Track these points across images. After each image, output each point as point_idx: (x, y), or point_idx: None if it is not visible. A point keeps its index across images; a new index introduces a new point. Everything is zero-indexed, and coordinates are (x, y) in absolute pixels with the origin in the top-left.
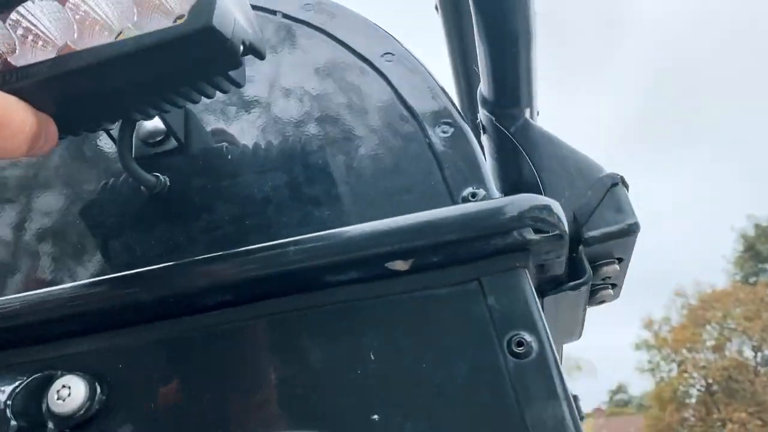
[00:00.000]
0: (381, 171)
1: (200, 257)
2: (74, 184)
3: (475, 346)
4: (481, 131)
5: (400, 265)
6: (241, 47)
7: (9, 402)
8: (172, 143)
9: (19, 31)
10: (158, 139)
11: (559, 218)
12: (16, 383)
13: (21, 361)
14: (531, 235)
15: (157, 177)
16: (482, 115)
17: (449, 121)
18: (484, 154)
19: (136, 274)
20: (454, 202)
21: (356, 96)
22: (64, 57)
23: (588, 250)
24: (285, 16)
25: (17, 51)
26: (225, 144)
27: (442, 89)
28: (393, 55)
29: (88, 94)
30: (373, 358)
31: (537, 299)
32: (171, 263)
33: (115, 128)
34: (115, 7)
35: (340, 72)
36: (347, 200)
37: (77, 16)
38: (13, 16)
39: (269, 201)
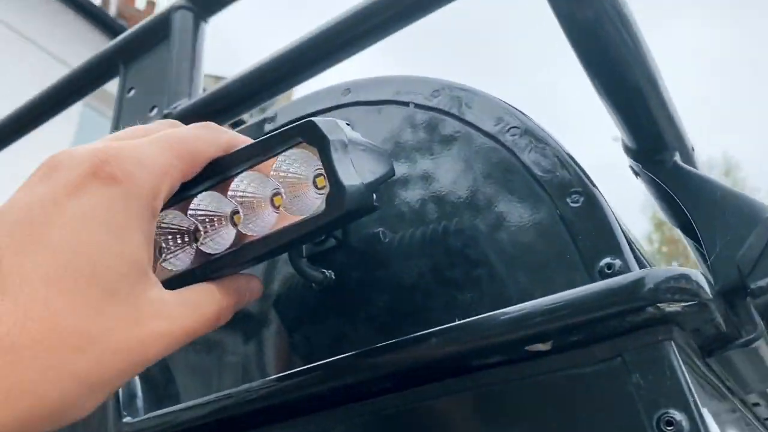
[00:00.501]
0: (516, 249)
1: (361, 350)
2: (264, 285)
3: (624, 427)
4: (635, 176)
5: (540, 346)
6: (374, 195)
7: None
8: (333, 241)
9: (199, 217)
10: (323, 237)
11: (698, 286)
12: None
13: None
14: (670, 308)
15: (323, 273)
16: (630, 162)
17: (579, 189)
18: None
19: (315, 367)
20: (590, 275)
21: (487, 175)
22: (245, 247)
23: (757, 302)
24: (416, 105)
25: (200, 232)
26: (377, 236)
27: (570, 156)
28: (518, 128)
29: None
30: None
31: (686, 374)
32: (337, 357)
33: None
34: (262, 185)
35: (470, 152)
36: (486, 281)
37: (237, 199)
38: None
39: (416, 288)
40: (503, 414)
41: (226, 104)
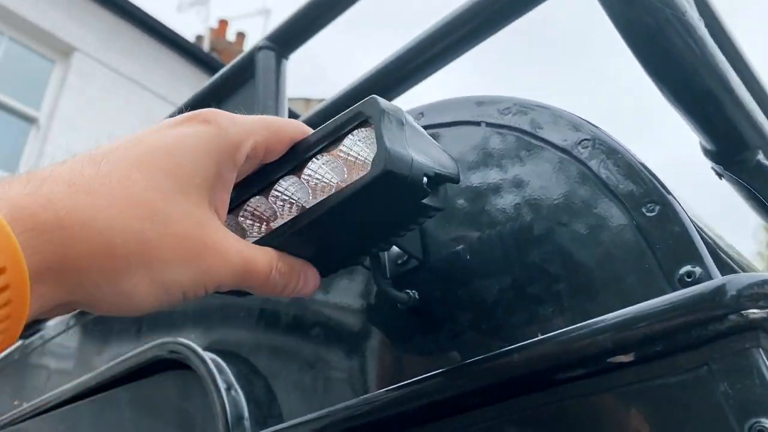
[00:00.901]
0: (593, 262)
1: (449, 367)
2: (350, 306)
3: None
4: (718, 177)
5: (622, 358)
6: (425, 179)
7: None
8: (415, 261)
9: (278, 203)
10: (404, 259)
11: None
12: None
13: None
14: (755, 314)
15: (407, 293)
16: (711, 164)
17: (653, 198)
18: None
19: (406, 385)
20: (671, 284)
21: (561, 189)
22: (300, 216)
23: None
24: (488, 124)
25: (277, 216)
26: (456, 255)
27: (643, 165)
28: (589, 140)
29: (321, 242)
30: None
31: None
32: (425, 375)
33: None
34: (333, 171)
35: (543, 167)
36: (566, 296)
37: (311, 183)
38: (273, 192)
39: (498, 304)
40: (590, 427)
41: None
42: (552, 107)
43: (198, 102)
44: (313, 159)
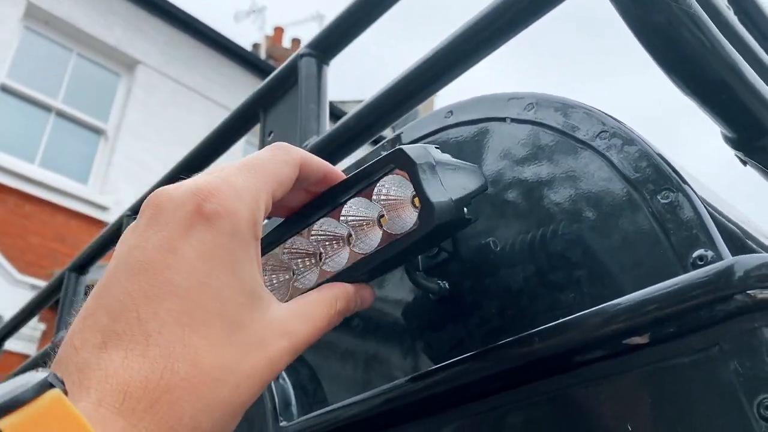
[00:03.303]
0: (612, 249)
1: (475, 352)
2: (386, 297)
3: (726, 413)
4: (743, 164)
5: (638, 339)
6: (465, 209)
7: None
8: (445, 254)
9: (351, 223)
10: (436, 251)
11: None
12: None
13: None
14: (763, 294)
15: (438, 284)
16: (733, 151)
17: (668, 186)
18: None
19: (436, 370)
20: (684, 268)
21: (581, 180)
22: (356, 264)
23: None
24: (513, 120)
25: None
26: (482, 245)
27: (659, 155)
28: (607, 132)
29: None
30: (630, 428)
31: None
32: (453, 360)
33: None
34: (368, 209)
35: (564, 160)
36: (586, 282)
37: (350, 222)
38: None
39: (523, 292)
40: (608, 407)
41: (348, 138)
42: (571, 101)
43: (246, 109)
44: (348, 203)
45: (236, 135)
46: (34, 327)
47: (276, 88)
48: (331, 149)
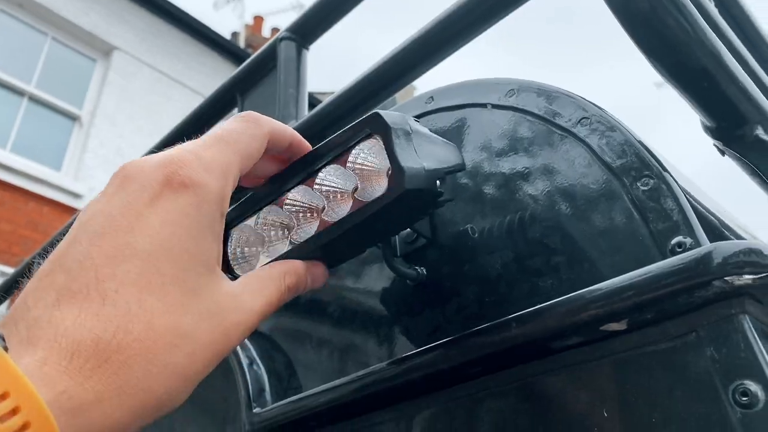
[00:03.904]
0: (592, 235)
1: (452, 337)
2: (363, 284)
3: (702, 400)
4: (721, 155)
5: (615, 326)
6: (438, 182)
7: None
8: (423, 240)
9: (293, 210)
10: (414, 238)
11: None
12: None
13: (344, 431)
14: (740, 281)
15: (416, 270)
16: (712, 141)
17: (648, 173)
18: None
19: (412, 355)
20: (663, 255)
21: (562, 166)
22: (322, 232)
23: None
24: (494, 106)
25: (294, 224)
26: (461, 231)
27: (640, 142)
28: (587, 118)
29: (340, 246)
30: (606, 414)
31: (761, 345)
32: (429, 346)
33: None
34: (343, 178)
35: (545, 147)
36: (565, 268)
37: (323, 191)
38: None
39: (501, 278)
40: (584, 393)
41: (327, 123)
42: (554, 87)
43: (224, 93)
44: (322, 170)
45: (213, 119)
46: (3, 314)
47: (254, 72)
48: (309, 135)
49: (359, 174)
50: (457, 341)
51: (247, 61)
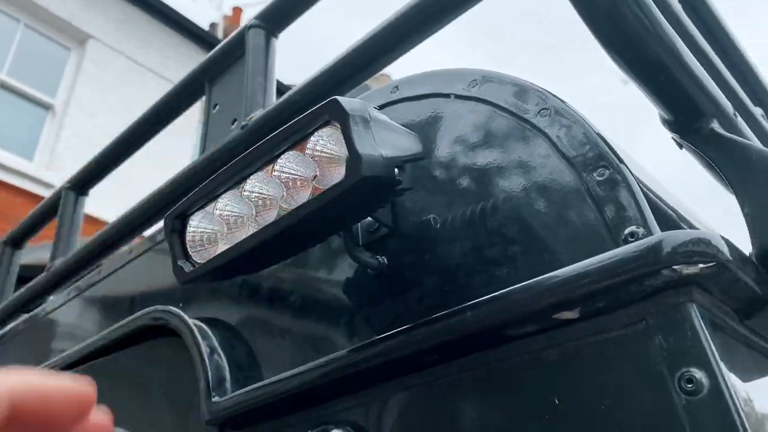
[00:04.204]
0: (548, 225)
1: (406, 326)
2: (325, 273)
3: (649, 385)
4: (679, 148)
5: (567, 314)
6: (396, 170)
7: None
8: (385, 229)
9: (252, 198)
10: (375, 227)
11: (717, 249)
12: None
13: (305, 419)
14: (688, 270)
15: (377, 259)
16: (670, 134)
17: (604, 164)
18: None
19: (372, 342)
20: (616, 245)
21: (521, 157)
22: (280, 220)
23: None
24: (457, 96)
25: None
26: (423, 221)
27: (597, 134)
28: (548, 110)
29: (297, 234)
30: (557, 402)
31: (707, 334)
32: (388, 333)
33: None
34: (303, 166)
35: (505, 136)
36: (521, 258)
37: (282, 179)
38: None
39: (460, 267)
40: (537, 381)
41: (294, 111)
42: (515, 78)
43: (192, 81)
44: (281, 156)
45: (181, 107)
46: None
47: (222, 60)
48: (276, 123)
49: (318, 161)
50: (415, 329)
51: (215, 49)
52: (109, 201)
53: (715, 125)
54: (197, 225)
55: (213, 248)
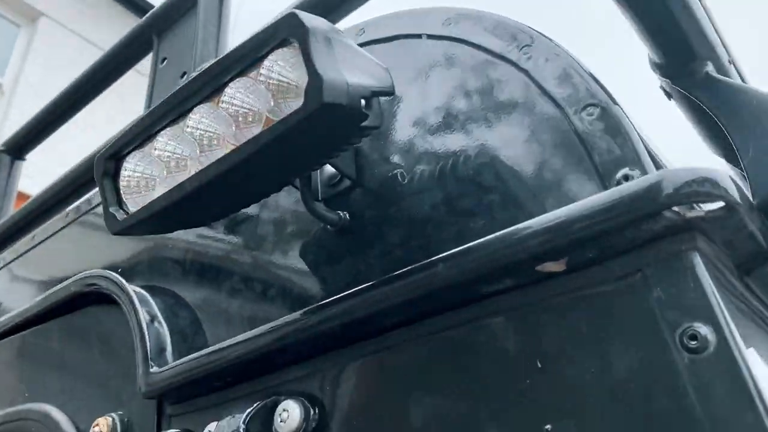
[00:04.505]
0: (529, 170)
1: (367, 284)
2: (276, 230)
3: (645, 344)
4: (667, 98)
5: (552, 266)
6: (362, 101)
7: (244, 426)
8: (348, 182)
9: (196, 134)
10: (337, 179)
11: (725, 190)
12: (249, 409)
13: (253, 390)
14: (692, 213)
15: (338, 214)
16: (660, 80)
17: (593, 102)
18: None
19: (327, 304)
20: (607, 187)
21: (500, 97)
22: (229, 155)
23: None
24: (429, 36)
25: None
26: (389, 173)
27: (585, 70)
28: (530, 46)
29: (249, 175)
30: (539, 365)
31: (713, 285)
32: (346, 293)
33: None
34: (254, 96)
35: (483, 77)
36: (498, 207)
37: (230, 111)
38: (188, 124)
39: (429, 220)
40: (517, 341)
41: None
42: (492, 14)
43: (138, 35)
44: (229, 85)
45: (126, 64)
46: None
47: (172, 11)
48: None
49: (274, 90)
50: (376, 286)
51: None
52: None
53: (710, 68)
54: (133, 168)
55: (150, 194)
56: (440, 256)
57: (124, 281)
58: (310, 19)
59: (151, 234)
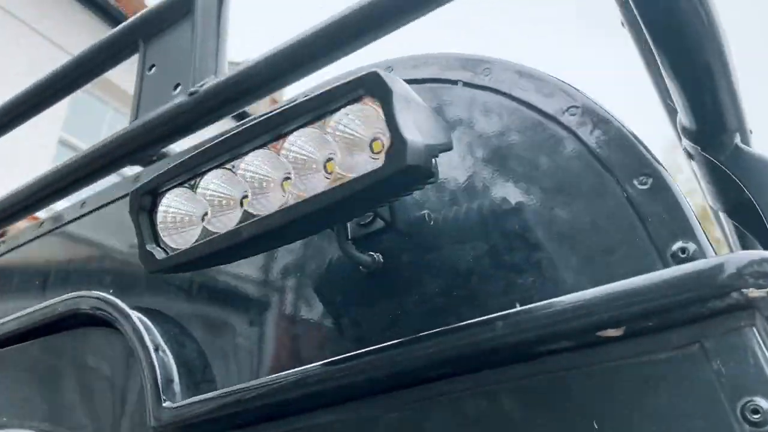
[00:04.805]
0: (579, 233)
1: (420, 335)
2: (306, 270)
3: (704, 415)
4: (688, 158)
5: (612, 332)
6: (434, 160)
7: None
8: (381, 222)
9: (292, 157)
10: (369, 220)
11: None
12: None
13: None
14: (754, 293)
15: (371, 256)
16: (686, 144)
17: (647, 171)
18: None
19: (363, 353)
20: (663, 259)
21: (545, 156)
22: (294, 206)
23: None
24: (465, 84)
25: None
26: (427, 218)
27: (635, 137)
28: (577, 108)
29: (319, 216)
30: (596, 427)
31: None
32: (393, 342)
33: None
34: (316, 145)
35: (526, 133)
36: (548, 266)
37: (290, 158)
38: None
39: (472, 271)
40: (572, 401)
41: (254, 83)
42: (536, 70)
43: (123, 37)
44: (293, 133)
45: (105, 65)
46: None
47: (163, 16)
48: (230, 95)
49: (339, 142)
50: (431, 338)
51: (156, 3)
52: None
53: (738, 140)
54: (170, 204)
55: (190, 232)
56: (500, 314)
57: (123, 304)
58: (392, 81)
59: (187, 271)
